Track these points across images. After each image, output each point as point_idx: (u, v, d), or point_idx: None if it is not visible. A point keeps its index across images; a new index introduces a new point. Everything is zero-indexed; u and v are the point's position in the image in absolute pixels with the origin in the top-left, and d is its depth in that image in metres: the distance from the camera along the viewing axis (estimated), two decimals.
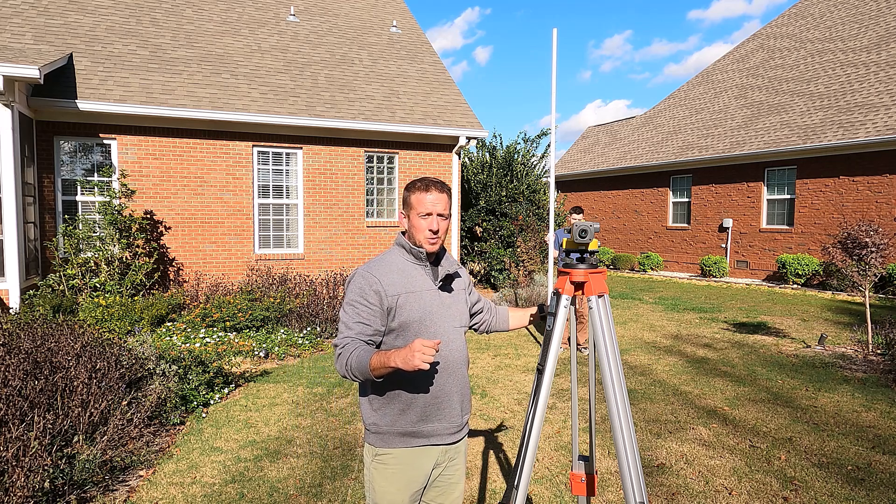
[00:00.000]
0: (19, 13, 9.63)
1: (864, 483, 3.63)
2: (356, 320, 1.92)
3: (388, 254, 2.07)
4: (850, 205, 12.68)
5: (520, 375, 6.15)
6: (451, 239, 11.27)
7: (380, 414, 1.98)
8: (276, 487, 3.60)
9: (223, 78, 9.93)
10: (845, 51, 15.29)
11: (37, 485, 3.10)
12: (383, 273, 1.98)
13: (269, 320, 7.68)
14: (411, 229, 2.03)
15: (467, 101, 14.43)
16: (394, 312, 1.95)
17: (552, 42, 6.01)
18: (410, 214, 2.03)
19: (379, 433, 1.98)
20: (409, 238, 2.06)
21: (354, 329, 1.90)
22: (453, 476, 2.10)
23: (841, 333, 8.07)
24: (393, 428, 1.97)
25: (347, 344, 1.87)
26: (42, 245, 8.45)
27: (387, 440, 1.98)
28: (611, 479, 3.73)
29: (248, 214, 9.77)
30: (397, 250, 2.07)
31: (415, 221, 2.01)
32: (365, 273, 1.98)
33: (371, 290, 1.93)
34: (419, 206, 2.00)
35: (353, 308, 1.93)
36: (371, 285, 1.94)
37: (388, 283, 1.96)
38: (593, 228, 1.81)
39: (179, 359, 5.17)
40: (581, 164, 22.16)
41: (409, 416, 1.97)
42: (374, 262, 2.03)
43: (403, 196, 2.08)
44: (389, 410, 1.97)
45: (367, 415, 2.01)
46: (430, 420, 1.99)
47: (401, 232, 2.11)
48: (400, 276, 1.99)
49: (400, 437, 1.97)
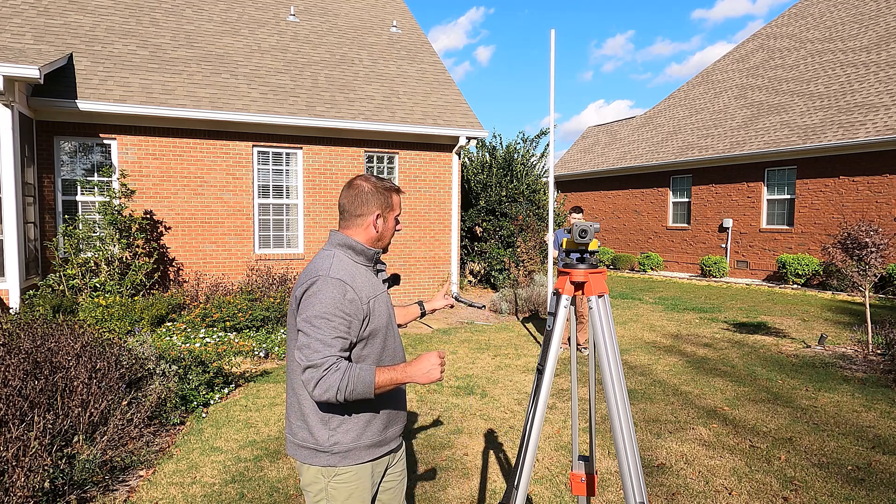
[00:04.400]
0: (19, 13, 9.63)
1: (864, 483, 3.63)
2: (335, 335, 1.73)
3: (336, 257, 1.88)
4: (850, 205, 12.68)
5: (520, 375, 6.15)
6: (451, 239, 11.27)
7: (341, 431, 1.83)
8: (276, 487, 3.60)
9: (223, 78, 9.93)
10: (845, 51, 15.29)
11: (37, 485, 3.10)
12: (350, 278, 1.83)
13: (269, 320, 7.68)
14: (383, 230, 1.98)
15: (470, 101, 14.39)
16: (368, 319, 1.84)
17: (550, 43, 6.01)
18: (388, 216, 1.98)
19: (341, 452, 1.83)
20: (368, 239, 1.96)
21: (335, 346, 1.73)
22: (402, 472, 2.09)
23: (841, 333, 8.07)
24: (359, 442, 1.85)
25: (333, 363, 1.69)
26: (42, 245, 8.45)
27: (350, 457, 1.84)
28: (611, 479, 3.73)
29: (248, 214, 9.78)
30: (342, 252, 1.91)
31: (391, 223, 2.00)
32: (333, 280, 1.79)
33: (346, 300, 1.78)
34: (398, 207, 2.02)
35: (326, 321, 1.73)
36: (345, 294, 1.78)
37: (359, 288, 1.83)
38: (593, 228, 1.81)
39: (179, 359, 5.17)
40: (581, 165, 22.16)
41: (375, 425, 1.89)
42: (333, 267, 1.83)
43: (382, 195, 1.96)
44: (353, 425, 1.84)
45: (323, 436, 1.82)
46: (392, 425, 1.96)
47: (334, 231, 1.97)
48: (362, 279, 1.87)
49: (367, 450, 1.87)
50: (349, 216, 1.96)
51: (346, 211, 1.96)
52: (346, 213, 1.96)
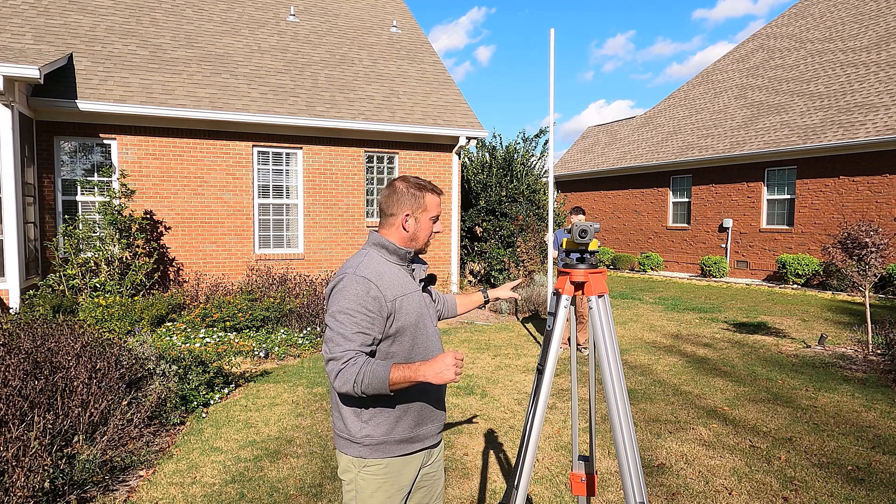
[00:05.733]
0: (19, 13, 9.63)
1: (864, 483, 3.63)
2: (356, 330, 1.79)
3: (368, 255, 1.94)
4: (850, 205, 12.68)
5: (520, 375, 6.15)
6: (451, 239, 11.27)
7: (372, 424, 1.88)
8: (276, 487, 3.60)
9: (223, 78, 9.93)
10: (845, 51, 15.29)
11: (37, 485, 3.10)
12: (377, 276, 1.87)
13: (269, 320, 7.68)
14: (415, 230, 1.98)
15: (470, 101, 14.38)
16: (393, 317, 1.87)
17: (550, 42, 6.01)
18: (421, 216, 1.98)
19: (371, 444, 1.88)
20: (400, 239, 1.98)
21: (356, 340, 1.78)
22: (437, 473, 2.09)
23: (841, 333, 8.07)
24: (389, 437, 1.89)
25: (352, 357, 1.75)
26: (42, 245, 8.45)
27: (381, 450, 1.89)
28: (611, 479, 3.73)
29: (248, 214, 9.78)
30: (376, 251, 1.96)
31: (425, 223, 2.00)
32: (358, 278, 1.84)
33: (369, 297, 1.82)
34: (433, 208, 2.01)
35: (349, 317, 1.79)
36: (368, 291, 1.82)
37: (385, 286, 1.86)
38: (593, 228, 1.81)
39: (179, 359, 5.17)
40: (581, 165, 22.16)
41: (406, 421, 1.91)
42: (362, 265, 1.89)
43: (412, 196, 1.97)
44: (384, 419, 1.88)
45: (355, 427, 1.89)
46: (424, 423, 1.97)
47: (372, 230, 2.02)
48: (391, 278, 1.90)
49: (397, 445, 1.90)
50: (383, 216, 2.01)
51: (382, 210, 2.02)
52: (382, 212, 2.02)
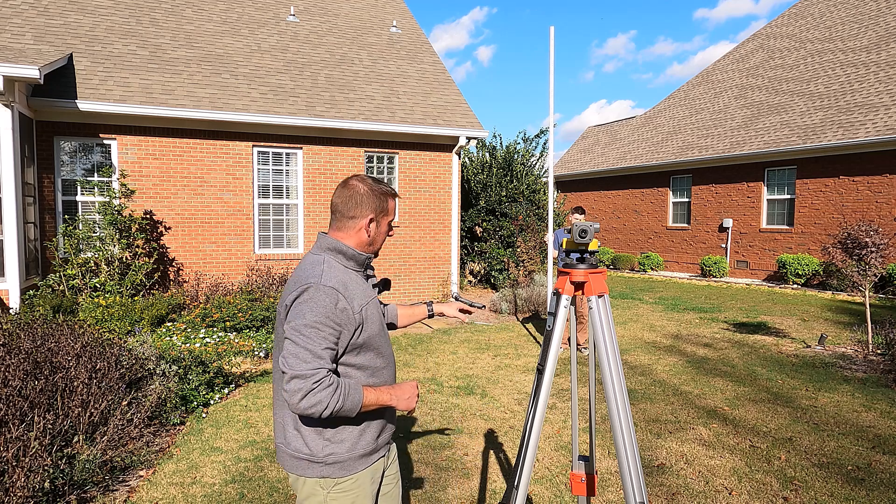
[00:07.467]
0: (19, 13, 9.63)
1: (865, 483, 3.63)
2: (325, 346, 1.67)
3: (326, 262, 1.81)
4: (850, 205, 12.68)
5: (520, 375, 6.15)
6: (451, 239, 11.27)
7: (335, 442, 1.80)
8: (276, 487, 3.60)
9: (223, 78, 9.93)
10: (845, 51, 15.29)
11: (37, 485, 3.10)
12: (342, 286, 1.76)
13: (270, 320, 7.68)
14: (375, 235, 1.91)
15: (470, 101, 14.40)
16: (361, 327, 1.78)
17: (549, 40, 6.01)
18: (383, 221, 1.92)
19: (337, 462, 1.80)
20: (359, 243, 1.89)
21: (325, 357, 1.66)
22: (396, 475, 2.08)
23: (841, 333, 8.07)
24: (354, 452, 1.82)
25: (324, 377, 1.63)
26: (42, 245, 8.45)
27: (348, 467, 1.81)
28: (611, 479, 3.73)
29: (248, 214, 9.77)
30: (332, 257, 1.84)
31: (384, 228, 1.94)
32: (326, 288, 1.71)
33: (337, 309, 1.71)
34: (392, 213, 1.97)
35: (316, 331, 1.66)
36: (337, 302, 1.71)
37: (351, 296, 1.76)
38: (593, 228, 1.81)
39: (179, 359, 5.17)
40: (581, 165, 22.16)
41: (369, 434, 1.87)
42: (325, 275, 1.75)
43: (378, 199, 1.89)
44: (347, 435, 1.81)
45: (317, 446, 1.78)
46: (385, 431, 1.95)
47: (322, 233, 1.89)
48: (354, 287, 1.80)
49: (362, 459, 1.85)
50: (341, 217, 1.88)
51: (339, 211, 1.88)
52: (339, 213, 1.88)
